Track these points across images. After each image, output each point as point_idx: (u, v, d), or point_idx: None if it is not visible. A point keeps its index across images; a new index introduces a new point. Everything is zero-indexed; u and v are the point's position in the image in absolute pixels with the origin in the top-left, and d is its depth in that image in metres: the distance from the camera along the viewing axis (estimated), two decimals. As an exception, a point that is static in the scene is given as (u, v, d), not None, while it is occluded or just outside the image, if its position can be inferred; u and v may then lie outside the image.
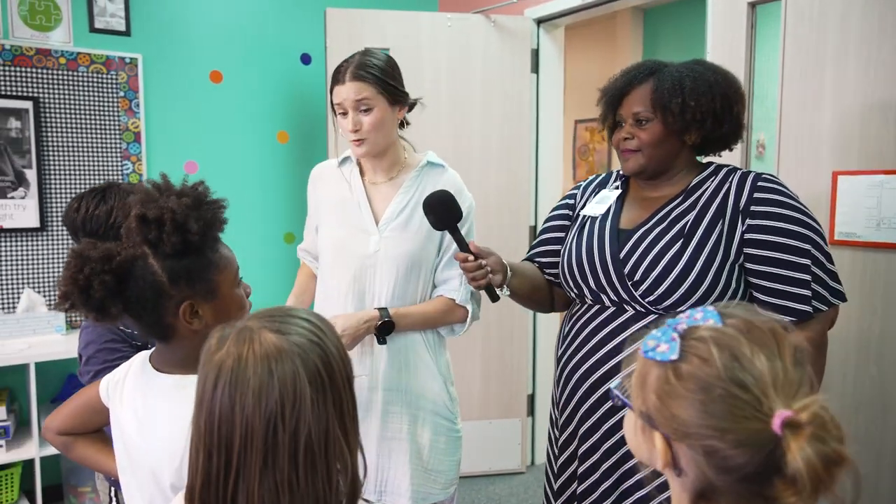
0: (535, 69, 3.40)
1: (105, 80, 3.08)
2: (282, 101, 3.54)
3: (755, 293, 1.41)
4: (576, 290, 1.56)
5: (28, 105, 2.90)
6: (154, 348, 1.15)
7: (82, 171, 3.06)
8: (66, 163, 3.02)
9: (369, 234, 1.65)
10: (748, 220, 1.40)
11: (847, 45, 2.02)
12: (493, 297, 1.52)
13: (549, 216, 1.73)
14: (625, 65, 1.60)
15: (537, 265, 1.69)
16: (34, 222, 2.95)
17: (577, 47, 4.98)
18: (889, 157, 1.94)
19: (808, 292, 1.36)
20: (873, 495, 1.96)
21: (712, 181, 1.47)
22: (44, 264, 3.00)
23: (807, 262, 1.36)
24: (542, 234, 1.71)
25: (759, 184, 1.42)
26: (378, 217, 1.67)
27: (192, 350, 1.07)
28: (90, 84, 3.04)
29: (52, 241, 3.00)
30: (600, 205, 1.59)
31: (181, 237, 1.00)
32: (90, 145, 3.06)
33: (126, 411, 1.10)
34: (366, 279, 1.64)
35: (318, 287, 1.77)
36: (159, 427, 1.04)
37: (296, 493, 0.77)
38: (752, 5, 2.30)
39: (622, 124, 1.52)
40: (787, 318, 1.36)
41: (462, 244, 1.47)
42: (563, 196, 1.75)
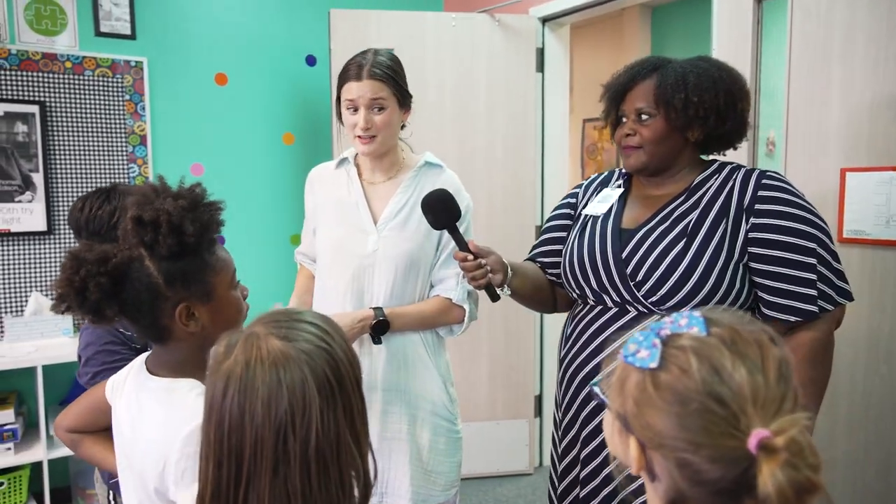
0: (541, 68, 3.38)
1: (111, 84, 3.09)
2: (287, 103, 3.54)
3: (760, 293, 1.38)
4: (578, 291, 1.54)
5: (35, 109, 2.92)
6: (151, 350, 1.14)
7: (89, 175, 3.07)
8: (73, 166, 3.04)
9: (367, 233, 1.64)
10: (752, 219, 1.37)
11: (854, 40, 1.99)
12: (494, 296, 1.50)
13: (550, 215, 1.71)
14: (633, 63, 1.58)
15: (539, 265, 1.67)
16: (41, 226, 2.96)
17: (585, 46, 4.97)
18: (898, 154, 1.91)
19: (813, 292, 1.33)
20: (884, 493, 1.94)
21: (716, 179, 1.45)
22: (51, 267, 3.01)
23: (812, 261, 1.34)
24: (543, 233, 1.70)
25: (764, 181, 1.39)
26: (376, 217, 1.66)
27: (188, 353, 1.07)
28: (96, 88, 3.06)
29: (60, 244, 3.02)
30: (602, 204, 1.57)
31: (177, 239, 0.99)
32: (96, 149, 3.08)
33: (123, 412, 1.11)
34: (364, 279, 1.63)
35: (316, 287, 1.76)
36: (146, 429, 1.04)
37: (308, 499, 0.77)
38: (759, 1, 2.28)
39: (624, 120, 1.50)
40: (793, 317, 1.34)
41: (461, 243, 1.45)
42: (565, 195, 1.73)
